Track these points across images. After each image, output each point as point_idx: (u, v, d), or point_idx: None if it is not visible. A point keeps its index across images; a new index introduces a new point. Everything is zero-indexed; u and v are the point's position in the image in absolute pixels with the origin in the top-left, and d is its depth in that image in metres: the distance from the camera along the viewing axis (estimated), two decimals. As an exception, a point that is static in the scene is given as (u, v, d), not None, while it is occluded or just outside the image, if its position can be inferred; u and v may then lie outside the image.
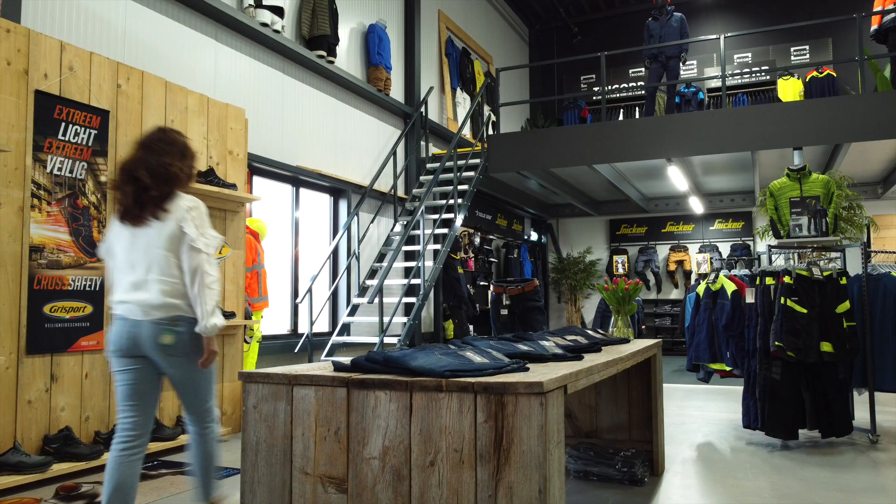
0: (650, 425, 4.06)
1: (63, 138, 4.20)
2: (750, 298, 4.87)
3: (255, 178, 6.85)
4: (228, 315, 5.14)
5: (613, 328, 4.14)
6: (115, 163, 4.54)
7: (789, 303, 4.55)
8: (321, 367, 2.35)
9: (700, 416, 6.04)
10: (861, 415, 5.14)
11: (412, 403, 1.96)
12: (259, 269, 6.00)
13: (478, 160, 9.24)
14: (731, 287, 5.19)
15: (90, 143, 4.37)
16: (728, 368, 5.29)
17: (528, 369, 2.17)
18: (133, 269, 2.71)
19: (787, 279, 4.60)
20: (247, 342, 5.79)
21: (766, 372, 4.68)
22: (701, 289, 5.47)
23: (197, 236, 2.69)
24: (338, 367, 2.21)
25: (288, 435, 2.12)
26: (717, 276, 5.35)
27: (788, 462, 4.31)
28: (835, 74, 11.29)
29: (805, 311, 4.53)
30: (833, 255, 5.50)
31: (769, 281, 4.75)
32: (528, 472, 1.82)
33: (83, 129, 4.32)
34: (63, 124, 4.20)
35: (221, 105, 5.41)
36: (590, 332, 3.65)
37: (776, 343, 4.53)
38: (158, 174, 2.72)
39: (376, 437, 2.00)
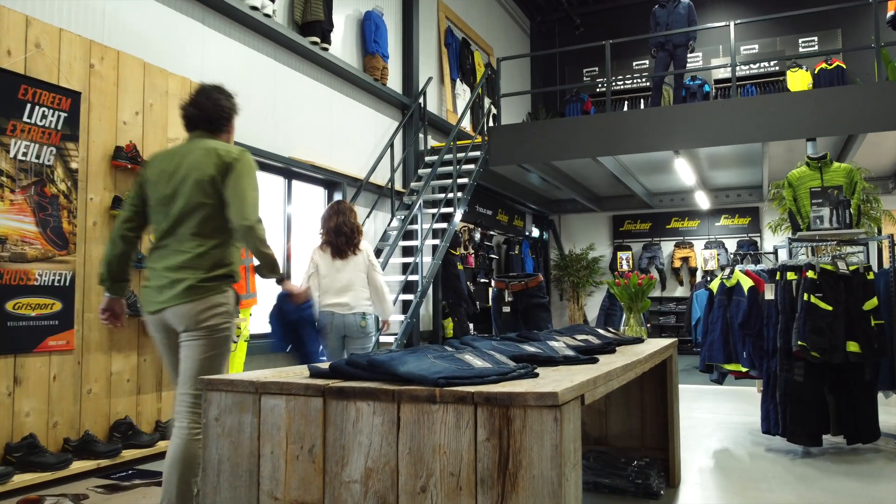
0: (665, 432, 3.74)
1: (29, 121, 3.87)
2: (769, 295, 4.55)
3: (245, 170, 6.52)
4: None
5: (625, 326, 3.82)
6: (88, 148, 4.23)
7: (813, 299, 4.23)
8: (296, 372, 2.02)
9: (712, 419, 5.72)
10: (887, 419, 4.83)
11: (400, 417, 1.64)
12: (247, 264, 5.66)
13: (478, 153, 8.92)
14: (747, 283, 4.87)
15: (59, 127, 4.04)
16: (744, 369, 4.97)
17: (537, 375, 1.86)
18: (338, 283, 4.40)
19: (810, 274, 4.28)
20: (233, 341, 5.46)
21: (788, 374, 4.35)
22: (715, 285, 5.15)
23: (376, 264, 4.55)
24: (314, 372, 1.89)
25: (255, 453, 1.80)
26: (731, 272, 5.04)
27: (813, 471, 4.00)
28: (844, 66, 10.97)
29: (830, 308, 4.21)
30: (853, 248, 5.17)
31: (790, 276, 4.43)
32: (540, 502, 1.50)
33: (52, 111, 3.99)
34: (29, 105, 3.87)
35: (205, 89, 5.08)
36: (600, 330, 3.33)
37: (799, 342, 4.20)
38: (353, 229, 4.48)
39: (357, 457, 1.68)
